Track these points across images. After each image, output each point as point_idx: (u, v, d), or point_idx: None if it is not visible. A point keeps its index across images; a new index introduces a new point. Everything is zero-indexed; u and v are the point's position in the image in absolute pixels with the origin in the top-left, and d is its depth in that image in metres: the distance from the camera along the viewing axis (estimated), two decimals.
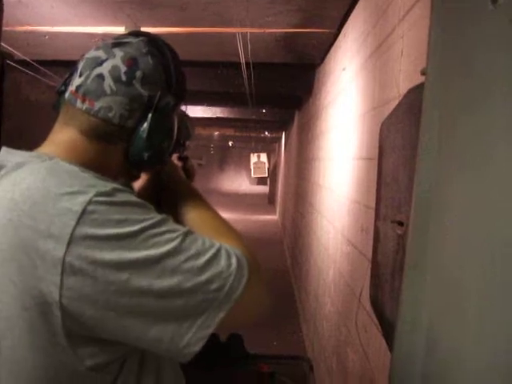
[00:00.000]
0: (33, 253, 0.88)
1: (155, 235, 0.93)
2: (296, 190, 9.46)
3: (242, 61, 5.48)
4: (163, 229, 0.95)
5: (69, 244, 0.87)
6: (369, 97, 3.03)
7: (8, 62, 2.81)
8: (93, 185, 0.94)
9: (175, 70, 1.16)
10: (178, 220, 1.21)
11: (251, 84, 6.38)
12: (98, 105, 1.06)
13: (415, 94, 1.74)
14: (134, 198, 0.99)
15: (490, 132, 0.89)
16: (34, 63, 5.44)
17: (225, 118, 11.15)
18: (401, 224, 1.80)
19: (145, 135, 1.09)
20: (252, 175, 25.13)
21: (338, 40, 4.61)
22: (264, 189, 25.55)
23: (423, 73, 1.33)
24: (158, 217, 0.97)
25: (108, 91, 1.06)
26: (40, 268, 0.88)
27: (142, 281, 0.90)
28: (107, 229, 0.90)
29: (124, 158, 1.13)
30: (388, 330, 1.91)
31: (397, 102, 2.13)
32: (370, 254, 2.40)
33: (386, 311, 1.96)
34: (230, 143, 24.03)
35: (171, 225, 0.99)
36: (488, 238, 0.89)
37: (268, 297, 1.07)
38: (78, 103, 1.07)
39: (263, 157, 24.31)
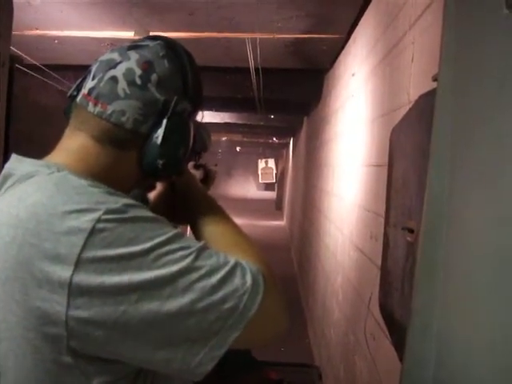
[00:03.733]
0: (37, 272, 0.84)
1: (167, 253, 0.89)
2: (304, 195, 9.45)
3: (251, 66, 5.48)
4: (176, 246, 0.91)
5: (76, 265, 0.84)
6: (379, 103, 3.01)
7: (17, 66, 2.80)
8: (102, 201, 0.90)
9: (192, 76, 1.12)
10: (195, 231, 1.18)
11: (260, 89, 6.38)
12: (110, 108, 1.01)
13: (426, 101, 1.73)
14: (146, 213, 0.95)
15: (506, 140, 0.88)
16: (44, 67, 5.45)
17: (233, 123, 11.15)
18: (411, 231, 1.78)
19: (159, 141, 1.05)
20: (260, 181, 25.16)
21: (347, 45, 4.60)
22: (271, 194, 25.51)
23: (435, 79, 1.32)
24: (170, 232, 0.93)
25: (121, 95, 1.02)
26: (45, 288, 0.84)
27: (153, 301, 0.86)
28: (117, 248, 0.86)
29: (138, 166, 1.08)
30: (397, 337, 1.90)
31: (407, 108, 2.12)
32: (378, 261, 2.39)
33: (395, 318, 1.95)
34: (238, 149, 24.05)
35: (185, 241, 0.94)
36: (501, 248, 0.88)
37: (286, 316, 1.02)
38: (90, 106, 1.03)
39: (271, 162, 24.34)
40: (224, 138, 18.32)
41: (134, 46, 1.08)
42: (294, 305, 7.58)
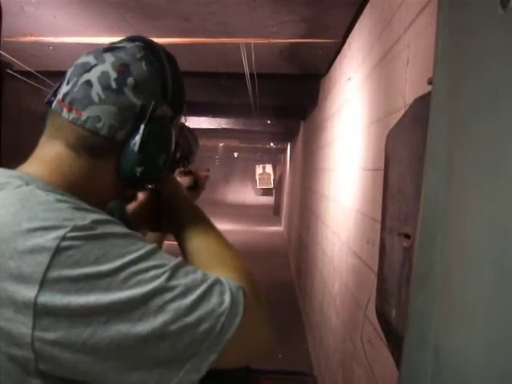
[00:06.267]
0: (1, 292, 0.80)
1: (138, 272, 0.85)
2: (301, 201, 9.44)
3: (246, 71, 5.47)
4: (148, 264, 0.86)
5: (41, 285, 0.79)
6: (374, 107, 3.00)
7: (8, 71, 2.78)
8: (69, 218, 0.85)
9: (172, 79, 1.07)
10: (180, 242, 1.14)
11: (255, 95, 6.37)
12: (85, 114, 0.97)
13: (421, 104, 1.71)
14: (117, 229, 0.90)
15: (502, 141, 0.86)
16: (36, 73, 5.43)
17: (229, 129, 11.17)
18: (407, 237, 1.76)
19: (136, 148, 0.99)
20: (257, 186, 25.18)
21: (342, 50, 4.59)
22: (269, 200, 25.52)
23: (430, 82, 1.30)
24: (143, 249, 0.88)
25: (96, 100, 0.97)
26: (10, 308, 0.80)
27: (123, 323, 0.82)
28: (84, 268, 0.81)
29: (116, 175, 1.03)
30: (394, 343, 1.87)
31: (403, 112, 2.10)
32: (375, 267, 2.37)
33: (392, 325, 1.92)
34: (236, 154, 24.08)
35: (159, 258, 0.90)
36: (498, 252, 0.86)
37: (268, 333, 0.98)
38: (64, 113, 0.98)
39: (268, 168, 24.39)
40: (221, 144, 18.35)
41: (110, 48, 1.04)
42: (292, 311, 7.56)
